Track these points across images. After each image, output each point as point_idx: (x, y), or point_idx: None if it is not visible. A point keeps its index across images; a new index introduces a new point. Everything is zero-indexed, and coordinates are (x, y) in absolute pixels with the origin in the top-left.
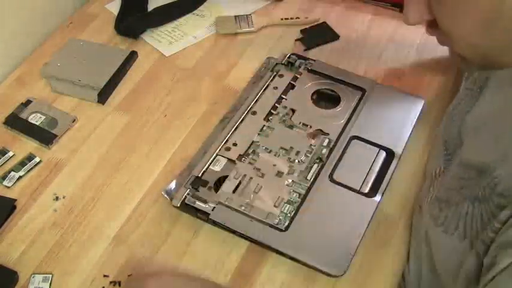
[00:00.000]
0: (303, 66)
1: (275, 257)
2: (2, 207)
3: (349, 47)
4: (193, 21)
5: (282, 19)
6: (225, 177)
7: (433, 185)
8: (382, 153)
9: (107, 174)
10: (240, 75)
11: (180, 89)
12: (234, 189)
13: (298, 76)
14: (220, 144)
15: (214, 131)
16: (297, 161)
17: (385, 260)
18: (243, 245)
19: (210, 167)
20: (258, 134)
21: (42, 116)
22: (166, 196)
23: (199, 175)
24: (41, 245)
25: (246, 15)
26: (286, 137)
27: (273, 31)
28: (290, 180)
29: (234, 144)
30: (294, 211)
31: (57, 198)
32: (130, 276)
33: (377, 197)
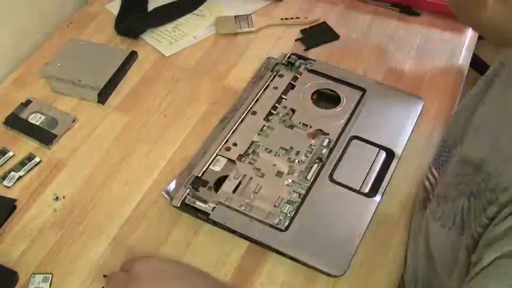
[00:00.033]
0: (303, 66)
1: (275, 257)
2: (2, 207)
3: (349, 47)
4: (193, 21)
5: (282, 19)
6: (225, 177)
7: (428, 179)
8: (382, 153)
9: (107, 174)
10: (240, 75)
11: (180, 89)
12: (234, 189)
13: (298, 76)
14: (220, 144)
15: (214, 131)
16: (297, 161)
17: (385, 260)
18: (243, 245)
19: (210, 167)
20: (258, 134)
21: (42, 116)
22: (166, 196)
23: (199, 175)
24: (41, 245)
25: (246, 15)
26: (286, 137)
27: (273, 31)
28: (290, 180)
29: (234, 144)
30: (294, 211)
31: (57, 198)
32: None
33: (377, 197)
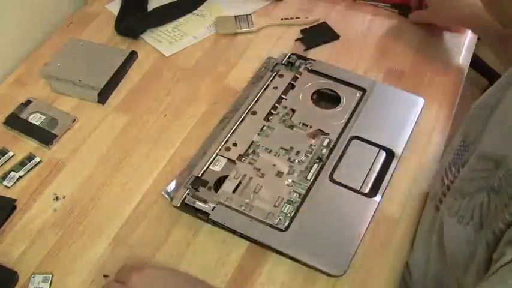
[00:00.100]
0: (303, 66)
1: (275, 257)
2: (2, 207)
3: (349, 47)
4: (193, 21)
5: (282, 19)
6: (225, 177)
7: (447, 176)
8: (382, 153)
9: (107, 174)
10: (240, 75)
11: (180, 89)
12: (234, 189)
13: (298, 76)
14: (220, 144)
15: (214, 131)
16: (297, 161)
17: (385, 260)
18: (243, 245)
19: (210, 167)
20: (258, 134)
21: (42, 116)
22: (166, 196)
23: (199, 175)
24: (41, 245)
25: (246, 15)
26: (286, 137)
27: (273, 31)
28: (290, 180)
29: (234, 144)
30: (294, 211)
31: (57, 198)
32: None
33: (377, 197)
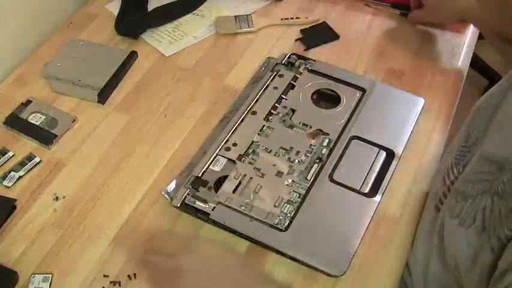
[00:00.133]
0: (303, 66)
1: (275, 257)
2: (2, 207)
3: (349, 47)
4: (193, 21)
5: (282, 19)
6: (225, 177)
7: (448, 176)
8: (382, 153)
9: (107, 174)
10: (240, 75)
11: (180, 89)
12: (234, 189)
13: (298, 76)
14: (220, 144)
15: (214, 131)
16: (297, 161)
17: (385, 260)
18: (243, 245)
19: (210, 167)
20: (258, 134)
21: (42, 116)
22: (166, 196)
23: (199, 175)
24: (41, 245)
25: (246, 15)
26: (286, 137)
27: (273, 31)
28: (290, 180)
29: (234, 144)
30: (294, 211)
31: (57, 198)
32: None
33: (377, 197)
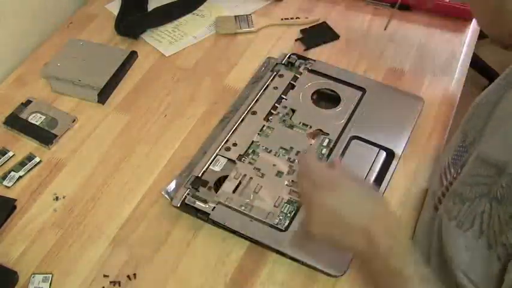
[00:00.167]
0: (303, 66)
1: (275, 257)
2: (2, 207)
3: (349, 47)
4: (193, 21)
5: (282, 19)
6: (225, 177)
7: (446, 177)
8: (382, 153)
9: (107, 174)
10: (240, 75)
11: (180, 89)
12: (234, 189)
13: (298, 76)
14: (220, 144)
15: (214, 131)
16: (297, 161)
17: None
18: (243, 245)
19: (210, 167)
20: (258, 134)
21: (42, 116)
22: (166, 196)
23: (199, 175)
24: (41, 245)
25: (246, 15)
26: (286, 137)
27: (273, 31)
28: (290, 180)
29: (234, 144)
30: (294, 211)
31: (57, 198)
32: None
33: None
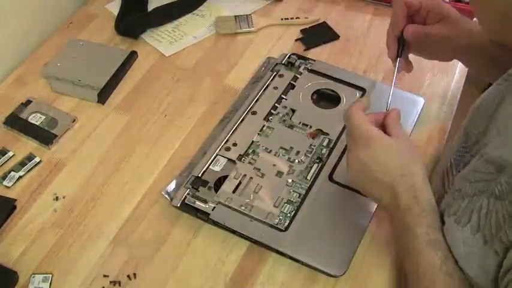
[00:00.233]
0: (303, 66)
1: (275, 257)
2: (2, 207)
3: (349, 47)
4: (193, 21)
5: (282, 19)
6: (225, 177)
7: (448, 177)
8: None
9: (107, 174)
10: (240, 75)
11: (180, 89)
12: (234, 189)
13: (298, 76)
14: (220, 144)
15: (214, 131)
16: (297, 161)
17: (385, 259)
18: (243, 245)
19: (210, 167)
20: (258, 134)
21: (42, 116)
22: (166, 196)
23: (199, 175)
24: (41, 245)
25: (246, 15)
26: (286, 137)
27: (273, 31)
28: (290, 180)
29: (234, 144)
30: (294, 211)
31: (57, 198)
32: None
33: None
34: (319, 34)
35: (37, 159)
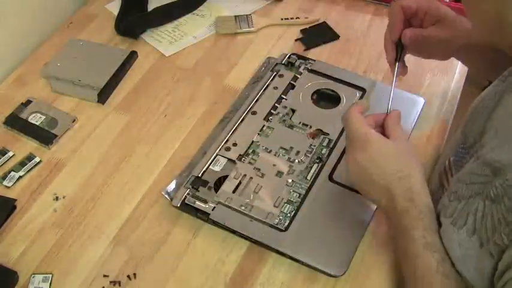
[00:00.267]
0: (303, 66)
1: (275, 257)
2: (2, 207)
3: (349, 47)
4: (193, 21)
5: (282, 19)
6: (225, 177)
7: (446, 178)
8: None
9: (107, 174)
10: (240, 75)
11: (180, 89)
12: (234, 189)
13: (298, 76)
14: (220, 144)
15: (214, 131)
16: (297, 161)
17: (385, 259)
18: (243, 245)
19: (210, 167)
20: (258, 134)
21: (42, 116)
22: (166, 196)
23: (199, 175)
24: (41, 245)
25: (246, 15)
26: (286, 137)
27: (273, 31)
28: (290, 180)
29: (234, 144)
30: (294, 211)
31: (57, 198)
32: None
33: None
34: (319, 34)
35: (37, 159)
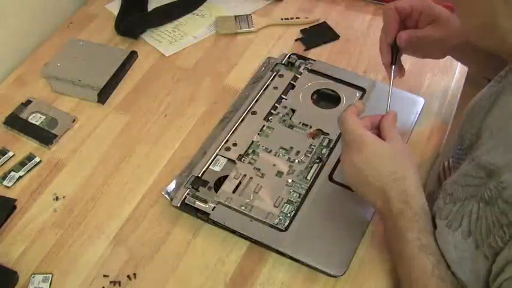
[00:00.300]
0: (303, 66)
1: (275, 257)
2: (2, 207)
3: (349, 47)
4: (193, 21)
5: (282, 19)
6: (225, 177)
7: (445, 177)
8: None
9: (107, 174)
10: (240, 75)
11: (180, 89)
12: (234, 189)
13: (298, 76)
14: (220, 144)
15: (214, 131)
16: (297, 161)
17: (385, 259)
18: (243, 245)
19: (210, 167)
20: (258, 134)
21: (42, 116)
22: (166, 196)
23: (199, 175)
24: (41, 245)
25: (246, 15)
26: (286, 137)
27: (273, 31)
28: (290, 180)
29: (234, 144)
30: (294, 211)
31: (57, 198)
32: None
33: None
34: (319, 34)
35: (37, 159)
